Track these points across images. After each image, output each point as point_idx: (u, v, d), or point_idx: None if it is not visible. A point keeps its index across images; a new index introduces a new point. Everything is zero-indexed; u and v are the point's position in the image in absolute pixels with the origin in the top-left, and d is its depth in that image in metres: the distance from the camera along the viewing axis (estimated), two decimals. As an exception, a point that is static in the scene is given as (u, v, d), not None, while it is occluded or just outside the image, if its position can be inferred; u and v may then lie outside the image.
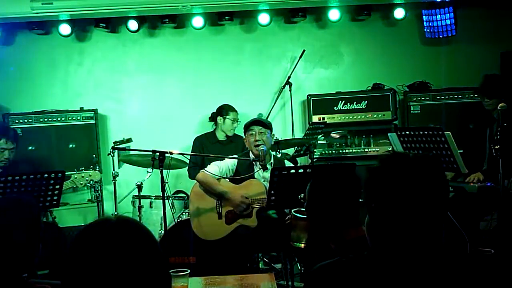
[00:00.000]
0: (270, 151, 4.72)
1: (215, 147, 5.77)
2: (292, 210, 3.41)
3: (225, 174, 4.56)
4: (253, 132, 4.58)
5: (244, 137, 4.75)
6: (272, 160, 4.69)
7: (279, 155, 4.84)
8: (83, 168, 5.09)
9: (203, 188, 4.55)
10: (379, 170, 1.63)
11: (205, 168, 4.56)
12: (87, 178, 4.95)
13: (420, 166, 1.59)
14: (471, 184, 4.54)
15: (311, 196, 2.45)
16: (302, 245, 3.21)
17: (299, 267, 4.87)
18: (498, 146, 4.25)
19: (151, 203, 5.24)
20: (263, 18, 6.22)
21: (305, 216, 3.03)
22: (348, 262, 1.61)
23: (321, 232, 2.45)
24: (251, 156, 4.62)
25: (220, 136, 5.89)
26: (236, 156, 4.69)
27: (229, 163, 4.59)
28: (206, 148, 5.79)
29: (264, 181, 4.54)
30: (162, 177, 4.11)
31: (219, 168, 4.54)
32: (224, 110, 5.85)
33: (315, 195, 2.43)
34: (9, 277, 2.02)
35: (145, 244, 1.36)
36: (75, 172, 4.95)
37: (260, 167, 4.56)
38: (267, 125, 4.64)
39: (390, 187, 1.58)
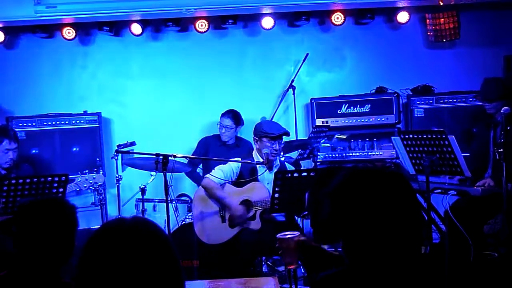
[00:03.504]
0: None
1: (220, 149, 5.76)
2: (277, 235, 2.92)
3: (230, 177, 4.56)
4: (276, 143, 4.57)
5: (256, 138, 4.69)
6: (278, 162, 4.72)
7: (282, 158, 4.84)
8: (86, 171, 5.09)
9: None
10: (347, 189, 1.53)
11: (210, 173, 4.55)
12: (90, 181, 4.94)
13: (390, 183, 1.51)
14: (475, 187, 4.53)
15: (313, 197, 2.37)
16: (293, 266, 2.98)
17: (303, 271, 4.86)
18: (502, 150, 4.24)
19: (154, 206, 5.24)
20: (267, 22, 6.22)
21: (291, 235, 2.82)
22: (351, 271, 1.55)
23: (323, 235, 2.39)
24: (256, 158, 4.61)
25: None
26: (239, 159, 4.69)
27: (233, 166, 4.59)
28: (211, 150, 5.78)
29: (268, 183, 4.54)
30: (165, 181, 4.11)
31: (223, 172, 4.54)
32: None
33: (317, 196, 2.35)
34: (47, 272, 2.14)
35: (162, 245, 1.34)
36: (78, 175, 4.95)
37: (266, 169, 4.55)
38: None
39: (363, 207, 1.48)
